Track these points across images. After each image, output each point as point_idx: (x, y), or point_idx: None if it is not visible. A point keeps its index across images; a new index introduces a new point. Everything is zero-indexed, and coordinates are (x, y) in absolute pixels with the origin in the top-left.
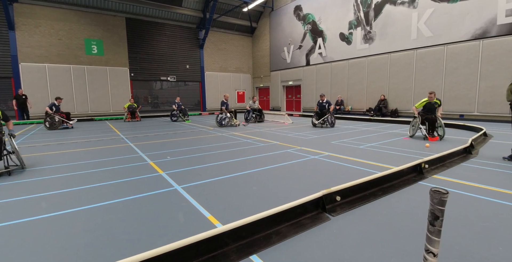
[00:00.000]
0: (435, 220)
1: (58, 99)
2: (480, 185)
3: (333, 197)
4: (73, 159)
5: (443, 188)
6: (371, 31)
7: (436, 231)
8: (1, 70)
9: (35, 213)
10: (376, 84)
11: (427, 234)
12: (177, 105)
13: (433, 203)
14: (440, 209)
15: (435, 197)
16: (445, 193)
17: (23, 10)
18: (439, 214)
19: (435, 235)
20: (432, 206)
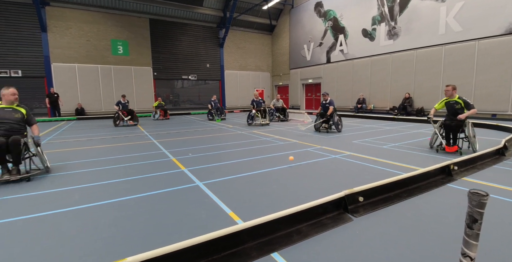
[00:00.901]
0: (473, 223)
1: (122, 96)
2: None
3: (355, 198)
4: (101, 155)
5: (482, 190)
6: (395, 26)
7: (474, 235)
8: (35, 70)
9: (63, 206)
10: (401, 82)
11: (464, 238)
12: (213, 104)
13: (471, 205)
14: (479, 212)
15: (473, 199)
16: (485, 195)
17: (55, 13)
18: (477, 217)
19: (473, 239)
20: (471, 209)
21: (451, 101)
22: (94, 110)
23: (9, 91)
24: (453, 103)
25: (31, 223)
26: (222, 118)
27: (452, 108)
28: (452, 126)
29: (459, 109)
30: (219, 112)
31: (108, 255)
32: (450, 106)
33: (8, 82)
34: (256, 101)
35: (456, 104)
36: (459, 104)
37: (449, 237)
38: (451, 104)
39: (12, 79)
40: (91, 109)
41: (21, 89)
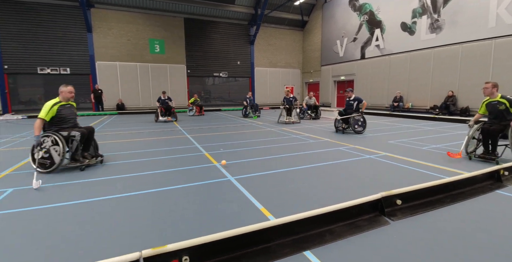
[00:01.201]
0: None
1: (163, 93)
2: None
3: (393, 201)
4: (140, 147)
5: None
6: (439, 19)
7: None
8: (82, 68)
9: (110, 193)
10: (443, 79)
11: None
12: (249, 101)
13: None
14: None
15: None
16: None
17: (99, 15)
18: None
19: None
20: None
21: (493, 101)
22: (133, 105)
23: (67, 89)
24: (495, 103)
25: (81, 208)
26: (257, 115)
27: (495, 110)
28: (490, 130)
29: (504, 111)
30: (253, 109)
31: (149, 241)
32: (492, 108)
33: (58, 79)
34: (287, 98)
35: (499, 105)
36: (503, 105)
37: (496, 250)
38: (493, 105)
39: (61, 76)
40: (130, 105)
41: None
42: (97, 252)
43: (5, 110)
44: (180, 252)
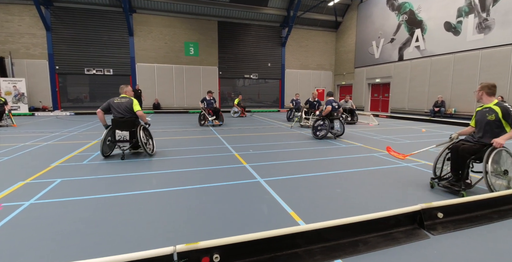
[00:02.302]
0: None
1: (209, 92)
2: None
3: (433, 213)
4: (175, 145)
5: None
6: (487, 18)
7: None
8: (123, 69)
9: (147, 188)
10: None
11: None
12: (295, 103)
13: None
14: None
15: None
16: None
17: (140, 19)
18: None
19: None
20: None
21: (484, 108)
22: (168, 105)
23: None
24: (486, 111)
25: (122, 200)
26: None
27: (482, 120)
28: (459, 149)
29: (493, 122)
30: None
31: (182, 237)
32: (480, 116)
33: (102, 79)
34: (311, 102)
35: (488, 113)
36: (493, 114)
37: None
38: (482, 113)
39: (105, 76)
40: (165, 104)
41: (112, 85)
42: (134, 243)
43: (55, 107)
44: (211, 249)
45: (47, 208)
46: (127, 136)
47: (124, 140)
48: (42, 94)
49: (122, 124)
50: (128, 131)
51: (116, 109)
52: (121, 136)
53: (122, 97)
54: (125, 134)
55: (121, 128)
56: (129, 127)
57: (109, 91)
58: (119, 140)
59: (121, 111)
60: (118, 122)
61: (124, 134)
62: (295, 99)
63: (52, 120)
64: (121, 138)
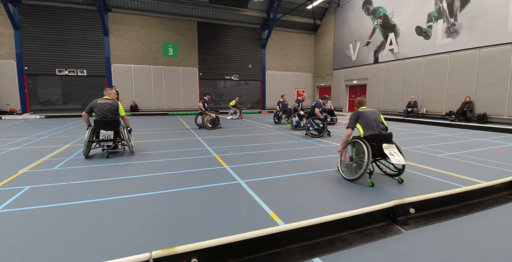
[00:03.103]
0: None
1: (207, 95)
2: None
3: (406, 209)
4: (153, 148)
5: None
6: (455, 23)
7: None
8: (98, 70)
9: (123, 193)
10: (460, 84)
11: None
12: (282, 105)
13: None
14: None
15: None
16: None
17: (116, 18)
18: None
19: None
20: None
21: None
22: (146, 107)
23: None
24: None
25: (94, 207)
26: (288, 122)
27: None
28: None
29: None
30: (286, 114)
31: (159, 242)
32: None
33: (75, 80)
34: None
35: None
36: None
37: None
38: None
39: (78, 77)
40: (143, 106)
41: (86, 86)
42: (107, 251)
43: (24, 110)
44: (189, 254)
45: (14, 217)
46: (112, 136)
47: (108, 140)
48: (9, 96)
49: (106, 124)
50: (113, 131)
51: (100, 109)
52: (105, 136)
53: (105, 99)
54: (109, 134)
55: (106, 128)
56: (114, 126)
57: (83, 93)
58: (103, 140)
59: (105, 112)
60: (103, 122)
61: (109, 134)
62: (282, 101)
63: (20, 123)
64: (105, 138)
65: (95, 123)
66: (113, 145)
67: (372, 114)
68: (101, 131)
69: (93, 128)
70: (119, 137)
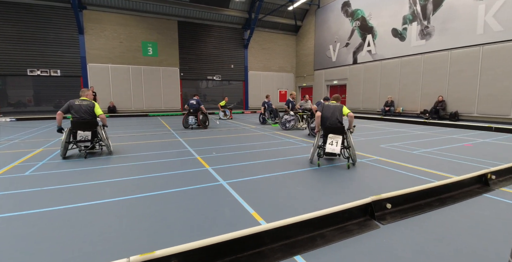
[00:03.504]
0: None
1: (196, 95)
2: None
3: (383, 204)
4: (132, 151)
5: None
6: (428, 26)
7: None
8: (73, 70)
9: (100, 198)
10: (433, 84)
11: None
12: (267, 105)
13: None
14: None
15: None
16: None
17: (91, 16)
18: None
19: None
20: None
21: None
22: (125, 108)
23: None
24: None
25: (70, 212)
26: (275, 122)
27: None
28: None
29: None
30: (272, 114)
31: (137, 247)
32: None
33: (48, 81)
34: (292, 101)
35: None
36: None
37: (485, 252)
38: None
39: (52, 78)
40: (122, 107)
41: (60, 87)
42: (83, 259)
43: None
44: (169, 258)
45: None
46: (89, 136)
47: (86, 140)
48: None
49: (84, 125)
50: (90, 132)
51: (77, 111)
52: (83, 136)
53: (82, 100)
54: (87, 134)
55: (83, 128)
56: (91, 127)
57: (57, 94)
58: (80, 140)
59: (82, 113)
60: (80, 123)
61: (87, 134)
62: (267, 101)
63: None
64: (83, 138)
65: (72, 124)
66: (91, 145)
67: (333, 109)
68: (78, 132)
69: (70, 129)
70: (96, 137)
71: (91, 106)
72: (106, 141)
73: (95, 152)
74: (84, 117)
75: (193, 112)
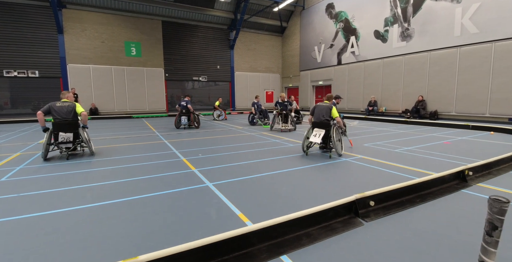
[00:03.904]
0: (493, 230)
1: (187, 96)
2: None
3: (366, 202)
4: (116, 153)
5: (503, 197)
6: (409, 28)
7: (493, 242)
8: (52, 71)
9: (81, 203)
10: (414, 84)
11: (482, 245)
12: (257, 106)
13: (491, 212)
14: (500, 219)
15: (494, 206)
16: (506, 202)
17: (71, 15)
18: (498, 224)
19: (492, 246)
20: (491, 216)
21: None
22: (107, 110)
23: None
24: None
25: (52, 218)
26: (264, 124)
27: None
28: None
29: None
30: (262, 115)
31: (121, 253)
32: None
33: (26, 83)
34: (280, 103)
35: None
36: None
37: (464, 245)
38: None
39: (29, 79)
40: (105, 109)
41: (38, 89)
42: None
43: None
44: None
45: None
46: (71, 138)
47: (67, 142)
48: None
49: (65, 126)
50: (72, 133)
51: (58, 112)
52: (65, 138)
53: (63, 102)
54: (69, 136)
55: (65, 130)
56: (73, 128)
57: (36, 96)
58: (62, 142)
59: (63, 114)
60: (62, 124)
61: (68, 136)
62: (256, 102)
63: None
64: (65, 140)
65: (54, 125)
66: (73, 147)
67: (322, 108)
68: (60, 134)
69: (52, 131)
70: (78, 138)
71: (72, 107)
72: (88, 143)
73: (77, 153)
74: (66, 118)
75: (185, 113)
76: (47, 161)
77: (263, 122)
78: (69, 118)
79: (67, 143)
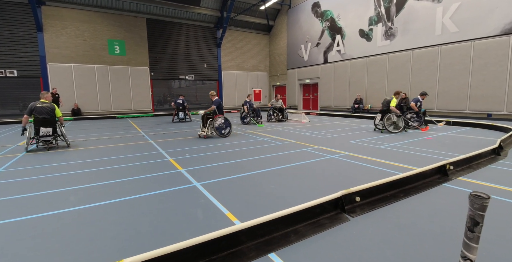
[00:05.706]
0: (474, 226)
1: (181, 95)
2: (509, 189)
3: (352, 198)
4: (100, 155)
5: (484, 193)
6: (392, 27)
7: (475, 238)
8: (31, 70)
9: (65, 206)
10: (398, 82)
11: (464, 240)
12: (249, 105)
13: (473, 209)
14: (481, 215)
15: (476, 202)
16: (487, 198)
17: (51, 13)
18: (479, 220)
19: (474, 242)
20: (472, 212)
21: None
22: (91, 111)
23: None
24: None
25: (35, 222)
26: (259, 123)
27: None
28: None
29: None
30: (254, 114)
31: (106, 256)
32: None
33: (3, 82)
34: (249, 102)
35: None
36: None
37: (446, 238)
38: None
39: (7, 79)
40: (88, 110)
41: (17, 89)
42: None
43: None
44: None
45: None
46: (51, 132)
47: (47, 135)
48: None
49: (46, 122)
50: (51, 128)
51: (40, 112)
52: (45, 132)
53: (43, 102)
54: (48, 130)
55: (45, 125)
56: (52, 124)
57: (14, 96)
58: (43, 136)
59: (44, 114)
60: (43, 121)
61: (48, 130)
62: (248, 101)
63: None
64: (45, 134)
65: (35, 122)
66: (52, 139)
67: (386, 100)
68: (41, 129)
69: (34, 126)
70: (56, 132)
71: (52, 108)
72: (64, 137)
73: (54, 146)
74: (45, 117)
75: (182, 109)
76: (28, 163)
77: (256, 121)
78: (49, 117)
79: (47, 136)
